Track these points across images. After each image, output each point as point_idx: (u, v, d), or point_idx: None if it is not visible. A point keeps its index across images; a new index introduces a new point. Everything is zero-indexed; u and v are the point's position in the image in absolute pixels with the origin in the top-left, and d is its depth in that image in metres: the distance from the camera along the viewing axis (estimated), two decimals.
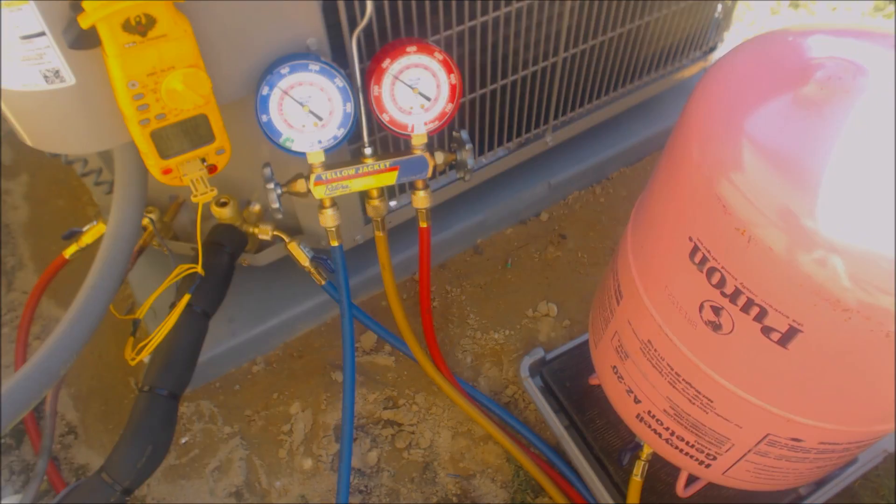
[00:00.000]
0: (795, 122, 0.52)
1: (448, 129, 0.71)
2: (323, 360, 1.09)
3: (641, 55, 1.09)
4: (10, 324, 1.14)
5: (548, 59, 0.96)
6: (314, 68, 0.60)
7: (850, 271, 0.47)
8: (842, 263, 0.47)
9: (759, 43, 0.63)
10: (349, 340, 0.78)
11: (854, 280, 0.47)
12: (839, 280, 0.47)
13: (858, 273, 0.47)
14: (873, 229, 0.46)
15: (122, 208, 0.67)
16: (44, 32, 0.51)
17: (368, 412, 1.04)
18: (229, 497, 0.97)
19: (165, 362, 0.76)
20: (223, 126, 0.61)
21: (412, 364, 1.06)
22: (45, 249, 1.24)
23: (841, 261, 0.47)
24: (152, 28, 0.52)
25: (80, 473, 1.00)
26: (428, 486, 0.98)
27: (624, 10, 0.97)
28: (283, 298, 1.07)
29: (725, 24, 1.19)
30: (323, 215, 0.70)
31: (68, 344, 0.65)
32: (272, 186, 0.66)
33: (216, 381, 1.07)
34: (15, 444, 1.02)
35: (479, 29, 0.82)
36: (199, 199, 0.65)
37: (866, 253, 0.46)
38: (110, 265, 0.67)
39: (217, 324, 0.84)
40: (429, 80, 0.64)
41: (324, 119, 0.62)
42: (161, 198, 0.91)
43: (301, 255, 0.81)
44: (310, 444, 1.01)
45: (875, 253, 0.46)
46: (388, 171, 0.68)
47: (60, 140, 0.61)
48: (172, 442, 0.78)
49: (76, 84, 0.55)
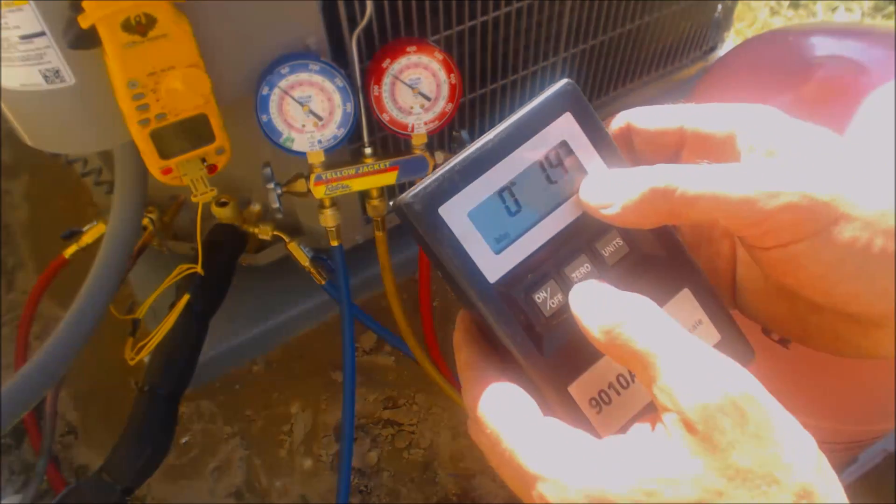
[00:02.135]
0: None
1: (448, 129, 0.71)
2: (323, 360, 1.09)
3: (641, 55, 1.09)
4: (10, 324, 1.14)
5: (548, 58, 0.96)
6: (314, 68, 0.60)
7: None
8: None
9: (759, 43, 0.63)
10: (349, 340, 0.78)
11: None
12: None
13: None
14: None
15: (122, 208, 0.67)
16: (44, 32, 0.51)
17: (368, 412, 1.04)
18: (229, 497, 0.97)
19: (165, 362, 0.76)
20: (223, 126, 0.61)
21: (412, 364, 1.06)
22: (45, 249, 1.24)
23: None
24: (152, 28, 0.52)
25: (80, 473, 1.00)
26: (428, 486, 0.98)
27: (624, 10, 0.97)
28: (283, 298, 1.07)
29: (725, 24, 1.19)
30: (323, 215, 0.70)
31: (68, 344, 0.65)
32: (272, 186, 0.66)
33: (216, 381, 1.07)
34: (15, 444, 1.02)
35: (479, 29, 0.82)
36: (199, 199, 0.65)
37: None
38: (110, 265, 0.67)
39: (217, 324, 0.84)
40: (429, 80, 0.64)
41: (324, 119, 0.62)
42: (161, 198, 0.91)
43: (301, 255, 0.81)
44: (310, 444, 1.01)
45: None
46: (388, 171, 0.68)
47: (60, 140, 0.61)
48: (173, 442, 0.78)
49: (76, 84, 0.55)
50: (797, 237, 0.27)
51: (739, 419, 0.24)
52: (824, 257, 0.27)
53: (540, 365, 0.30)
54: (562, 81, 0.32)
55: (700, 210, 0.28)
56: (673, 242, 0.33)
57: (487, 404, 0.29)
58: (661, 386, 0.25)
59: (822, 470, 0.24)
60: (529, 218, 0.31)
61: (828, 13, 1.67)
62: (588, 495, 0.25)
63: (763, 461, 0.23)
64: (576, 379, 0.30)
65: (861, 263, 0.27)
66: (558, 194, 0.32)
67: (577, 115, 0.32)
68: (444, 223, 0.30)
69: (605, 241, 0.32)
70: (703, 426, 0.24)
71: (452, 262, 0.30)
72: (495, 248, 0.30)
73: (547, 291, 0.31)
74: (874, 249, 0.27)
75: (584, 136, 0.32)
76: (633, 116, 0.34)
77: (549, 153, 0.31)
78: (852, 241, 0.27)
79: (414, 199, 0.30)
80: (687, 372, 0.25)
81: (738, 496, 0.23)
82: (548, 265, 0.31)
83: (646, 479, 0.24)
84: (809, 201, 0.27)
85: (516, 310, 0.31)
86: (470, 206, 0.30)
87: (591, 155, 0.32)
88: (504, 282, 0.30)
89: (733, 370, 0.25)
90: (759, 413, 0.24)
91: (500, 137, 0.31)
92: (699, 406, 0.24)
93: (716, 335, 0.33)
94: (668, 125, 0.33)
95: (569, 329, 0.31)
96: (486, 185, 0.30)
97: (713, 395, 0.24)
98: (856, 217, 0.27)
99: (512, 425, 0.28)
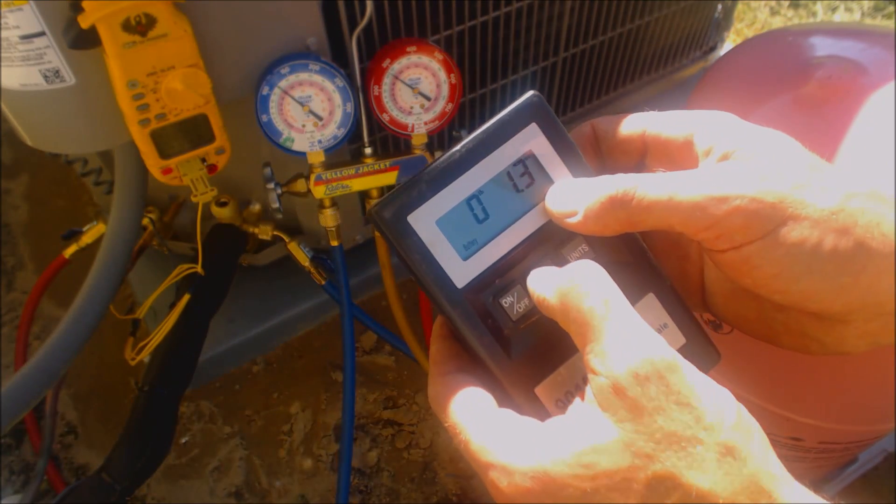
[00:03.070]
0: (795, 122, 0.52)
1: (448, 128, 0.71)
2: (323, 360, 1.09)
3: (641, 55, 1.09)
4: (10, 324, 1.14)
5: (548, 58, 0.96)
6: (314, 68, 0.60)
7: None
8: None
9: (759, 43, 0.63)
10: (349, 340, 0.78)
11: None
12: None
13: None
14: None
15: (122, 208, 0.67)
16: (44, 32, 0.51)
17: (368, 412, 1.04)
18: (229, 497, 0.97)
19: (165, 362, 0.76)
20: (223, 126, 0.61)
21: (412, 364, 1.06)
22: (45, 249, 1.24)
23: None
24: (152, 28, 0.52)
25: (80, 473, 1.00)
26: (428, 486, 0.98)
27: (624, 10, 0.97)
28: (283, 298, 1.07)
29: (725, 24, 1.19)
30: (323, 215, 0.70)
31: (68, 344, 0.65)
32: (272, 186, 0.66)
33: (216, 381, 1.07)
34: (15, 444, 1.02)
35: (479, 29, 0.82)
36: (199, 199, 0.65)
37: None
38: (110, 265, 0.67)
39: (217, 324, 0.84)
40: (429, 80, 0.64)
41: (324, 119, 0.62)
42: (161, 198, 0.91)
43: (301, 255, 0.81)
44: (310, 444, 1.01)
45: None
46: (388, 171, 0.68)
47: (60, 140, 0.61)
48: (173, 442, 0.78)
49: (76, 84, 0.55)
50: (748, 239, 0.28)
51: (664, 386, 0.25)
52: (776, 257, 0.28)
53: (507, 367, 0.31)
54: (528, 93, 0.33)
55: (656, 217, 0.29)
56: (638, 248, 0.33)
57: (445, 398, 0.30)
58: (596, 350, 0.27)
59: (742, 425, 0.26)
60: (497, 225, 0.32)
61: (828, 13, 1.67)
62: (533, 476, 0.26)
63: (686, 424, 0.25)
64: (542, 381, 0.31)
65: (812, 262, 0.28)
66: (525, 202, 0.32)
67: (542, 125, 0.33)
68: (412, 231, 0.31)
69: (570, 246, 0.33)
70: (632, 391, 0.25)
71: (421, 268, 0.31)
72: (463, 254, 0.31)
73: (514, 296, 0.32)
74: (825, 247, 0.27)
75: (550, 145, 0.33)
76: (598, 125, 0.35)
77: (515, 162, 0.32)
78: (801, 240, 0.27)
79: (383, 208, 0.31)
80: (621, 340, 0.26)
81: (667, 458, 0.25)
82: (515, 271, 0.32)
83: (582, 451, 0.26)
84: (757, 204, 0.28)
85: (484, 314, 0.32)
86: (438, 214, 0.31)
87: (556, 164, 0.33)
88: (472, 287, 0.31)
89: (660, 342, 0.26)
90: (681, 380, 0.26)
91: (467, 148, 0.32)
92: (629, 372, 0.25)
93: (681, 338, 0.33)
94: (630, 132, 0.34)
95: (536, 332, 0.32)
96: (454, 193, 0.31)
97: (642, 363, 0.25)
98: (805, 217, 0.28)
99: (466, 417, 0.29)
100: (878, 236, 0.28)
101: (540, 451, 0.26)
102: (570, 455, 0.26)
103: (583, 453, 0.26)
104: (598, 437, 0.26)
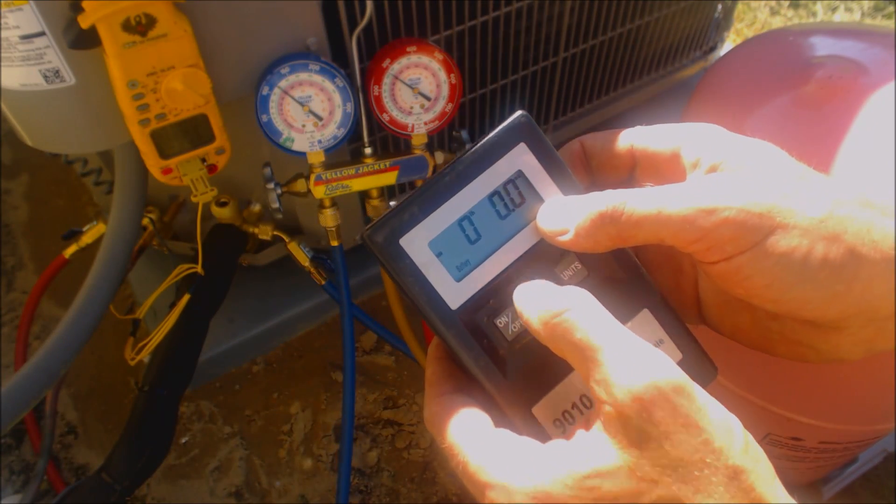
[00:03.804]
0: (795, 122, 0.52)
1: (448, 128, 0.71)
2: (323, 360, 1.09)
3: (641, 55, 1.09)
4: (10, 324, 1.14)
5: (548, 59, 0.96)
6: (314, 68, 0.60)
7: None
8: None
9: (759, 43, 0.63)
10: (349, 340, 0.78)
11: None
12: None
13: None
14: None
15: (122, 208, 0.67)
16: (44, 32, 0.51)
17: (368, 412, 1.04)
18: (229, 497, 0.97)
19: (165, 362, 0.76)
20: (223, 126, 0.61)
21: (412, 364, 1.06)
22: (45, 249, 1.24)
23: None
24: (152, 28, 0.52)
25: (80, 473, 1.00)
26: (428, 486, 0.98)
27: (624, 10, 0.97)
28: (283, 298, 1.07)
29: (725, 24, 1.19)
30: (323, 215, 0.70)
31: (68, 344, 0.65)
32: (272, 186, 0.66)
33: (216, 381, 1.07)
34: (15, 444, 1.02)
35: (479, 29, 0.82)
36: (199, 199, 0.65)
37: None
38: (110, 265, 0.67)
39: (217, 324, 0.84)
40: (429, 80, 0.64)
41: (324, 119, 0.62)
42: (161, 198, 0.91)
43: (301, 255, 0.81)
44: (310, 444, 1.01)
45: None
46: (388, 171, 0.68)
47: (60, 140, 0.61)
48: (173, 442, 0.78)
49: (76, 84, 0.55)
50: (738, 250, 0.28)
51: (671, 410, 0.25)
52: (766, 267, 0.28)
53: (504, 388, 0.31)
54: (516, 113, 0.33)
55: (646, 231, 0.29)
56: (631, 264, 0.33)
57: (442, 419, 0.30)
58: (598, 379, 0.26)
59: (750, 451, 0.25)
60: (489, 245, 0.32)
61: (828, 13, 1.67)
62: (534, 496, 0.26)
63: (694, 448, 0.24)
64: (539, 400, 0.31)
65: (803, 271, 0.28)
66: (517, 221, 0.32)
67: (531, 144, 0.33)
68: (405, 254, 0.31)
69: (563, 264, 0.33)
70: (637, 419, 0.25)
71: (415, 290, 0.31)
72: (456, 275, 0.31)
73: (508, 316, 0.32)
74: (816, 256, 0.27)
75: (539, 164, 0.33)
76: (586, 142, 0.35)
77: (505, 182, 0.32)
78: (791, 249, 0.27)
79: (375, 232, 0.31)
80: (622, 365, 0.26)
81: (672, 482, 0.24)
82: (509, 290, 0.32)
83: (585, 475, 0.25)
84: (745, 215, 0.28)
85: (479, 335, 0.31)
86: (430, 237, 0.31)
87: (546, 182, 0.33)
88: (466, 308, 0.31)
89: (664, 363, 0.26)
90: (689, 403, 0.25)
91: (457, 169, 0.32)
92: (633, 399, 0.25)
93: (677, 353, 0.33)
94: (619, 148, 0.34)
95: (531, 352, 0.32)
96: (445, 215, 0.31)
97: (646, 388, 0.25)
98: (793, 226, 0.28)
99: (463, 438, 0.29)
100: (868, 243, 0.28)
101: (541, 472, 0.26)
102: (573, 477, 0.26)
103: (586, 476, 0.25)
104: (601, 460, 0.26)
